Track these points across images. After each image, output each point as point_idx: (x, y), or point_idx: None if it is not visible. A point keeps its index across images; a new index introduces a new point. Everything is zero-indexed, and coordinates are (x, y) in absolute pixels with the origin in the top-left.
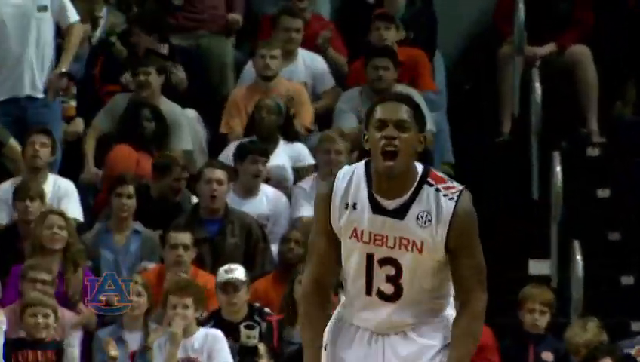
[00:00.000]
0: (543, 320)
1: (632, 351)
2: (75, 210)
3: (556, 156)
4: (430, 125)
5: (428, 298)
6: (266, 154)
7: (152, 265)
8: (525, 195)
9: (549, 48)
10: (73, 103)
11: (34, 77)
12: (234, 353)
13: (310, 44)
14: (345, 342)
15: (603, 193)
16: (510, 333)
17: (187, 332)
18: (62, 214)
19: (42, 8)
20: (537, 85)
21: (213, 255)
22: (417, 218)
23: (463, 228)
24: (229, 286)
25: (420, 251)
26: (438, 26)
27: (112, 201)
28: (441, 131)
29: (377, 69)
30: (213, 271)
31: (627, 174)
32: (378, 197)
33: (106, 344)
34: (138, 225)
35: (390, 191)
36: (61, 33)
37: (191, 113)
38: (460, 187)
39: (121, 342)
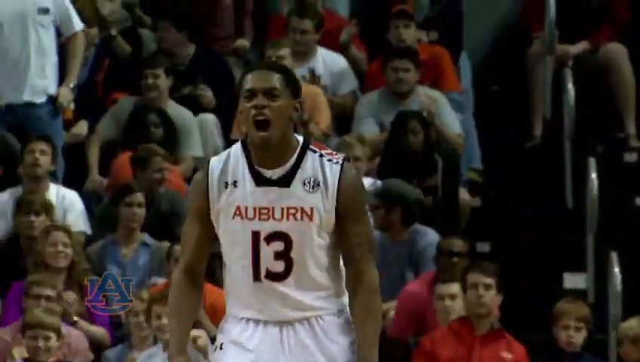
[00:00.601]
0: (579, 337)
1: None
2: (81, 223)
3: (591, 162)
4: (458, 128)
5: (322, 278)
6: None
7: (162, 281)
8: (559, 204)
9: (581, 46)
10: (72, 106)
11: (34, 83)
12: None
13: (326, 42)
14: (244, 335)
15: None
16: (544, 351)
17: None
18: (67, 230)
19: (43, 11)
20: (570, 86)
21: None
22: (304, 183)
23: (352, 192)
24: None
25: (311, 218)
26: (463, 24)
27: (119, 211)
28: (467, 135)
29: (397, 70)
30: None
31: None
32: (260, 169)
33: None
34: (147, 237)
35: (271, 161)
36: (62, 42)
37: (209, 117)
38: (343, 155)
39: None
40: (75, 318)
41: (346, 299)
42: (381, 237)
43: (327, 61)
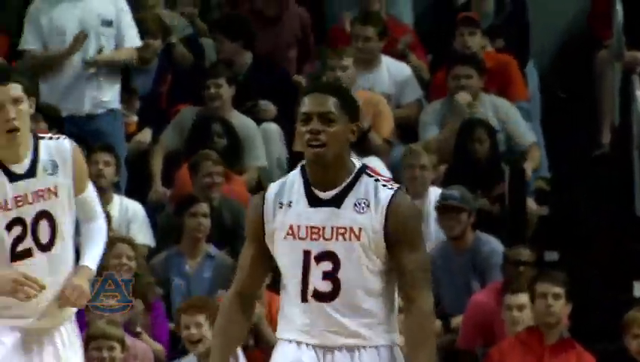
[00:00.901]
0: None
1: None
2: (145, 235)
3: None
4: (532, 136)
5: (371, 304)
6: None
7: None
8: (628, 212)
9: None
10: (135, 118)
11: (93, 95)
12: None
13: (388, 50)
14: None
15: None
16: (615, 361)
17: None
18: (131, 242)
19: (107, 23)
20: (639, 93)
21: None
22: (355, 204)
23: (403, 218)
24: None
25: (359, 238)
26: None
27: (184, 222)
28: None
29: (459, 78)
30: None
31: None
32: (315, 190)
33: None
34: (212, 249)
35: (326, 181)
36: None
37: (272, 127)
38: (398, 185)
39: None
40: (139, 329)
41: (396, 336)
42: (443, 246)
43: (392, 70)
